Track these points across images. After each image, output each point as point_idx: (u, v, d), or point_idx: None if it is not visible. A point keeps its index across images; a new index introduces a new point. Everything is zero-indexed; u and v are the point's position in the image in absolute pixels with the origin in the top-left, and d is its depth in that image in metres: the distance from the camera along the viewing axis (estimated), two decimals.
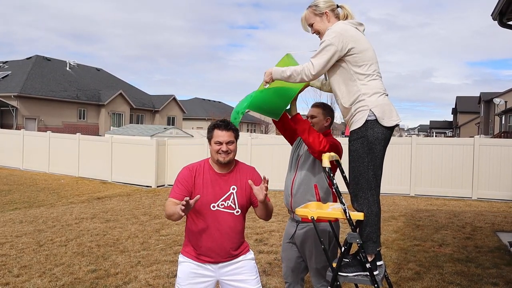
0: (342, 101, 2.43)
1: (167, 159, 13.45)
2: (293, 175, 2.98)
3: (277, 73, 2.51)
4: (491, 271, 4.83)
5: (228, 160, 2.45)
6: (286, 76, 2.47)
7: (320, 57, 2.37)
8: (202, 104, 51.55)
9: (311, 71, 2.39)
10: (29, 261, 5.28)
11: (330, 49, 2.35)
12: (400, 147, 11.03)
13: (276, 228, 7.02)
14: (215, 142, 2.44)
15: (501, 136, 25.54)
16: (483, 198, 10.33)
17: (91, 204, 9.89)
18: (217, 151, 2.44)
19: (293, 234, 2.99)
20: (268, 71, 2.56)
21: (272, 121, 3.04)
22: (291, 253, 3.04)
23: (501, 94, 35.58)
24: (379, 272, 2.36)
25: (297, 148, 3.06)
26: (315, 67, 2.38)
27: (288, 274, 3.06)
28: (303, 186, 2.90)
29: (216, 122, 2.49)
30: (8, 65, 33.50)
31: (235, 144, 2.48)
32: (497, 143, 10.52)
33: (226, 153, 2.43)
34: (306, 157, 2.94)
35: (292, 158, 3.06)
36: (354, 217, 2.33)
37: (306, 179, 2.90)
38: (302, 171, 2.92)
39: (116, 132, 21.29)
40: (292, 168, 3.01)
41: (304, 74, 2.41)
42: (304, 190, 2.89)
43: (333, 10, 2.53)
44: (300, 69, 2.42)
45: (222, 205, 2.46)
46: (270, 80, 2.57)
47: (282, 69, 2.49)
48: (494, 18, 5.50)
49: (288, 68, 2.47)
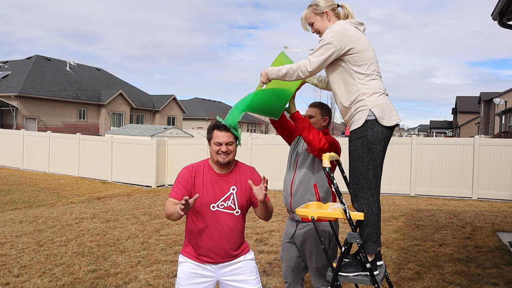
0: (342, 100, 2.43)
1: (167, 159, 13.45)
2: (292, 174, 2.98)
3: (273, 73, 2.52)
4: (491, 271, 4.83)
5: (227, 160, 2.45)
6: (282, 75, 2.48)
7: (318, 55, 2.37)
8: (202, 104, 51.55)
9: (307, 67, 2.39)
10: (29, 261, 5.28)
11: (328, 47, 2.35)
12: (400, 147, 11.04)
13: (276, 228, 7.02)
14: (214, 143, 2.44)
15: (501, 136, 25.54)
16: (483, 198, 10.33)
17: (91, 204, 9.89)
18: (216, 152, 2.44)
19: (293, 234, 2.99)
20: (264, 71, 2.57)
21: (270, 121, 3.05)
22: (291, 253, 3.04)
23: (501, 94, 35.59)
24: (379, 272, 2.36)
25: (296, 147, 3.06)
26: (312, 64, 2.38)
27: (288, 274, 3.06)
28: (303, 185, 2.89)
29: (215, 122, 2.50)
30: (8, 65, 33.51)
31: (234, 144, 2.48)
32: (497, 143, 10.51)
33: (225, 153, 2.43)
34: (304, 156, 2.94)
35: (290, 157, 3.06)
36: (354, 217, 2.33)
37: (305, 179, 2.90)
38: (301, 170, 2.92)
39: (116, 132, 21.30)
40: (291, 167, 3.01)
41: (300, 71, 2.41)
42: (304, 190, 2.89)
43: (334, 10, 2.53)
44: (296, 67, 2.42)
45: (221, 205, 2.46)
46: (266, 80, 2.57)
47: (278, 68, 2.50)
48: (494, 18, 5.50)
49: (283, 67, 2.47)
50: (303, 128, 2.71)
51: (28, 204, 9.93)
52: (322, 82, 2.84)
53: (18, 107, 27.96)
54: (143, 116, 38.84)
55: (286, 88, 2.70)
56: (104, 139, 15.05)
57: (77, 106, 32.45)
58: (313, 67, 2.38)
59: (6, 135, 17.63)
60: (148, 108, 39.07)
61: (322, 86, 2.84)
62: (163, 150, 13.43)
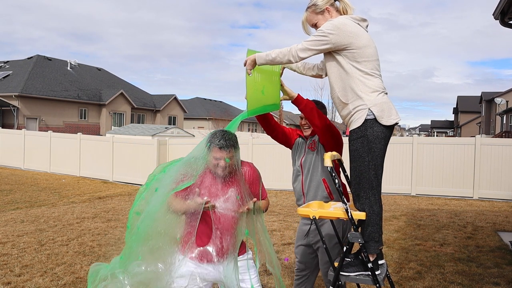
0: (339, 95, 2.41)
1: (168, 159, 13.44)
2: (300, 176, 2.99)
3: (261, 58, 2.48)
4: (492, 271, 4.82)
5: (225, 174, 2.46)
6: (270, 59, 2.45)
7: (312, 43, 2.36)
8: (203, 104, 51.54)
9: (298, 53, 2.37)
10: (31, 260, 5.29)
11: (323, 39, 2.34)
12: (401, 147, 11.03)
13: (278, 228, 7.02)
14: (213, 157, 2.43)
15: (502, 135, 25.49)
16: (484, 198, 10.32)
17: (92, 204, 9.90)
18: (215, 165, 2.44)
19: (308, 231, 3.01)
20: (250, 58, 2.52)
21: (266, 131, 3.05)
22: (306, 256, 3.07)
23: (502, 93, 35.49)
24: (381, 272, 2.36)
25: (297, 151, 3.08)
26: (304, 51, 2.37)
27: (302, 269, 3.12)
28: (313, 182, 2.92)
29: (216, 140, 2.41)
30: (9, 65, 33.55)
31: (234, 158, 2.45)
32: (498, 143, 10.50)
33: (224, 167, 2.43)
34: (308, 155, 2.96)
35: (294, 162, 3.08)
36: (356, 217, 2.33)
37: (313, 176, 2.92)
38: (308, 169, 2.94)
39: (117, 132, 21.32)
40: (297, 171, 3.02)
41: (291, 55, 2.39)
42: (315, 186, 2.91)
43: (332, 5, 2.52)
44: (287, 51, 2.40)
45: (221, 205, 2.47)
46: (252, 67, 2.52)
47: (265, 53, 2.47)
48: (496, 18, 5.50)
49: (271, 51, 2.45)
50: (311, 109, 2.75)
51: (30, 204, 9.94)
52: (300, 69, 2.82)
53: (19, 107, 27.99)
54: (144, 116, 38.86)
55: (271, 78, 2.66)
56: (105, 139, 15.07)
57: (78, 106, 32.48)
58: (306, 54, 2.38)
59: (7, 135, 17.64)
60: (149, 107, 39.08)
61: (300, 72, 2.83)
62: (164, 150, 13.45)
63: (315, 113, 2.76)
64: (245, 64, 2.55)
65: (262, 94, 2.62)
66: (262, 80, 2.63)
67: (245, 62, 2.55)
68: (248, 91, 2.60)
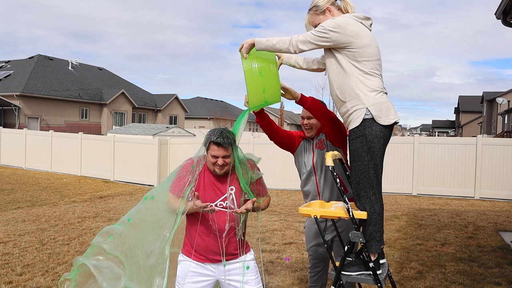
0: (337, 92, 2.41)
1: (169, 158, 13.46)
2: (313, 177, 2.97)
3: (261, 43, 2.44)
4: (494, 271, 4.82)
5: (224, 172, 2.45)
6: (271, 45, 2.42)
7: (313, 38, 2.36)
8: (204, 103, 51.53)
9: (299, 44, 2.37)
10: (32, 259, 5.30)
11: (324, 36, 2.34)
12: (402, 146, 11.01)
13: (279, 227, 7.02)
14: (211, 155, 2.43)
15: (503, 135, 25.45)
16: (485, 198, 10.31)
17: (94, 203, 9.91)
18: (213, 163, 2.44)
19: (325, 228, 3.02)
20: (247, 41, 2.47)
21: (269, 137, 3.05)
22: (319, 253, 3.10)
23: (504, 93, 35.43)
24: (382, 271, 2.36)
25: (304, 153, 3.03)
26: (304, 43, 2.37)
27: (315, 266, 3.14)
28: (327, 181, 2.92)
29: (213, 137, 2.41)
30: (10, 65, 33.57)
31: (232, 156, 2.45)
32: (500, 143, 10.49)
33: (222, 166, 2.43)
34: (318, 154, 2.94)
35: (304, 164, 3.02)
36: (357, 216, 2.33)
37: (327, 174, 2.92)
38: (321, 168, 2.94)
39: (118, 131, 21.33)
40: (310, 172, 2.98)
41: (291, 46, 2.38)
42: (331, 184, 2.91)
43: (333, 4, 2.52)
44: (288, 40, 2.39)
45: (221, 205, 2.47)
46: (248, 50, 2.47)
47: (266, 39, 2.45)
48: (498, 17, 5.49)
49: (273, 38, 2.43)
50: (317, 106, 2.80)
51: (31, 203, 9.95)
52: (299, 63, 2.79)
53: (20, 106, 28.02)
54: (145, 115, 38.86)
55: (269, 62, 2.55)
56: (106, 138, 15.07)
57: (79, 105, 32.49)
58: (303, 47, 2.38)
59: (8, 134, 17.66)
60: (150, 107, 39.09)
61: (303, 67, 2.79)
62: (165, 149, 13.45)
63: (323, 109, 2.80)
64: (241, 48, 2.49)
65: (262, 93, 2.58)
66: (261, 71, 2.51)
67: (241, 46, 2.49)
68: (248, 87, 2.53)
